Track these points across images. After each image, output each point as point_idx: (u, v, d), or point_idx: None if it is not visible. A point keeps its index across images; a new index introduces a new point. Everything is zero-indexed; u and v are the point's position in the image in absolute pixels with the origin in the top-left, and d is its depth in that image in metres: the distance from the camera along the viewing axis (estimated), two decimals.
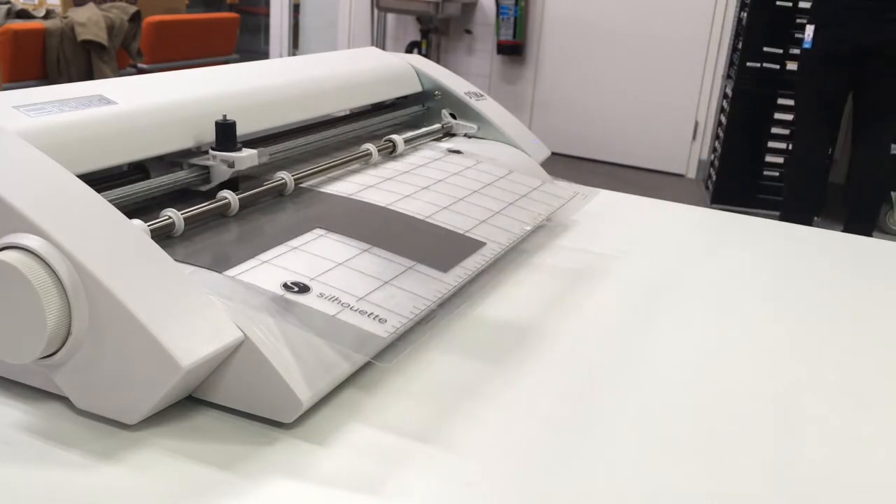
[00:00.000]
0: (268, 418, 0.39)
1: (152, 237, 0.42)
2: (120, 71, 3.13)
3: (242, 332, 0.38)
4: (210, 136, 0.53)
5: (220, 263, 0.43)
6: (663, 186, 3.70)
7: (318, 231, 0.48)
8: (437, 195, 0.57)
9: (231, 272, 0.42)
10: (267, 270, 0.43)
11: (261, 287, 0.41)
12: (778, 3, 3.15)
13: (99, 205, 0.39)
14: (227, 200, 0.50)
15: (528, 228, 0.55)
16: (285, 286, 0.41)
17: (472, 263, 0.48)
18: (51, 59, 2.85)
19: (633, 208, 0.78)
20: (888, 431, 0.43)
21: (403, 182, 0.59)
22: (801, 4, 3.08)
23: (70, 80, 2.73)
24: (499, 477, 0.37)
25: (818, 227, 0.78)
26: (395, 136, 0.66)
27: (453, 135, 0.76)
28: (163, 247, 0.40)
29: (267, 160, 0.55)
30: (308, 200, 0.54)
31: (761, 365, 0.49)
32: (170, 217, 0.46)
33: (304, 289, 0.41)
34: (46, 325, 0.35)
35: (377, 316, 0.41)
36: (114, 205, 0.40)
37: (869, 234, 2.90)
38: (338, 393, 0.42)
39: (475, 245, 0.51)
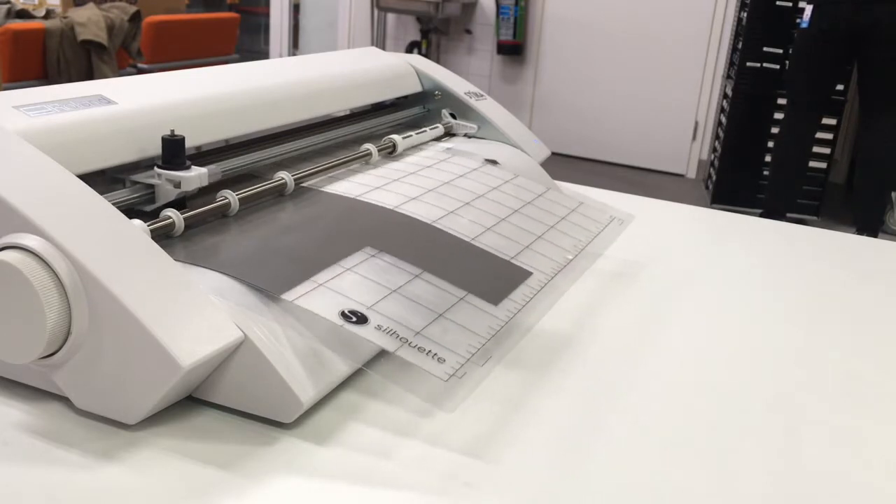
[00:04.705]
0: (268, 418, 0.39)
1: (152, 237, 0.42)
2: (120, 71, 3.14)
3: (242, 332, 0.38)
4: (207, 135, 0.53)
5: (275, 284, 0.42)
6: (663, 186, 3.70)
7: (369, 251, 0.47)
8: (481, 213, 0.57)
9: (288, 296, 0.41)
10: (324, 295, 0.42)
11: (320, 315, 0.40)
12: (778, 3, 3.15)
13: (99, 205, 0.39)
14: (227, 200, 0.50)
15: (570, 258, 0.55)
16: (343, 315, 0.41)
17: (521, 296, 0.48)
18: (51, 59, 2.85)
19: (633, 208, 0.78)
20: (889, 432, 0.43)
21: (444, 195, 0.58)
22: (801, 4, 3.08)
23: (70, 80, 2.72)
24: (500, 477, 0.37)
25: (818, 227, 0.78)
26: (395, 136, 0.66)
27: (453, 135, 0.76)
28: (163, 246, 0.40)
29: (217, 180, 0.51)
30: (339, 207, 0.53)
31: (762, 365, 0.49)
32: (170, 217, 0.46)
33: (362, 319, 0.41)
34: (46, 325, 0.35)
35: (435, 354, 0.40)
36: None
37: (879, 222, 2.89)
38: (338, 394, 0.42)
39: (522, 274, 0.50)
